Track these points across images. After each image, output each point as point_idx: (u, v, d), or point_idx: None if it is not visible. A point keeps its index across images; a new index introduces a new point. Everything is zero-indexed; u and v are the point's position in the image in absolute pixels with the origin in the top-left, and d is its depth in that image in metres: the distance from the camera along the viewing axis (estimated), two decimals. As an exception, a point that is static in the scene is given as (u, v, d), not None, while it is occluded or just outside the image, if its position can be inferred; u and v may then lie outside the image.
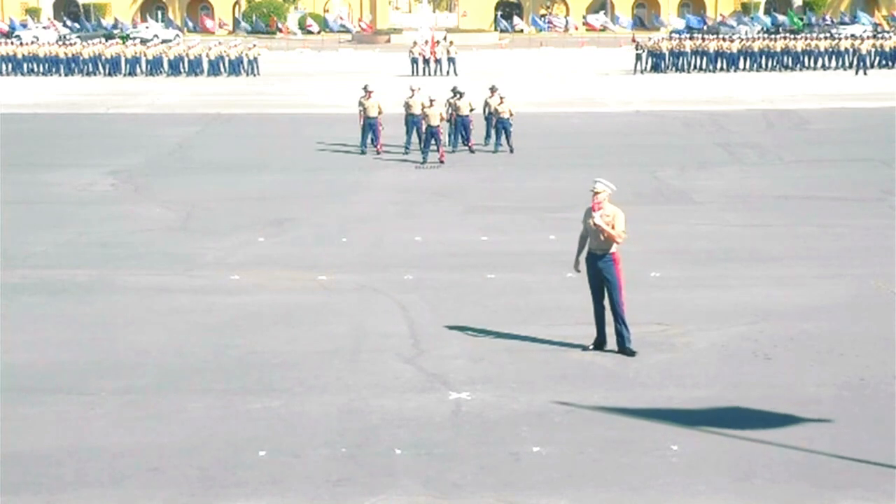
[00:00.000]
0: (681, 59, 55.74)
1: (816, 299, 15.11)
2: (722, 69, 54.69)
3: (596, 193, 12.77)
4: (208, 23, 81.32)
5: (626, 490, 9.50)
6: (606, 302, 12.85)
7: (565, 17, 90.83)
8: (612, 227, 12.62)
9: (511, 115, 28.76)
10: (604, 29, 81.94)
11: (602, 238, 12.69)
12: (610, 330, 12.91)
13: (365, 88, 29.01)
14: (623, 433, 10.65)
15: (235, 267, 17.21)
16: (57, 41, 65.47)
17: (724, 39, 57.44)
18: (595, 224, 12.66)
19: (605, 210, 12.72)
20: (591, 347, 13.00)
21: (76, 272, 16.98)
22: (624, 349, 12.82)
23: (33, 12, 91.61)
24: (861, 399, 11.50)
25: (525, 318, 14.40)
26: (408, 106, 28.38)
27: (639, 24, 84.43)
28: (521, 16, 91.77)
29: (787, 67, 55.33)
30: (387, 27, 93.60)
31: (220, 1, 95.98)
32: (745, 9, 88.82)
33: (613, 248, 12.73)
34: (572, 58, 66.45)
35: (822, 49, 56.49)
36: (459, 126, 28.69)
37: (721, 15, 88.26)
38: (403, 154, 28.31)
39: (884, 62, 55.55)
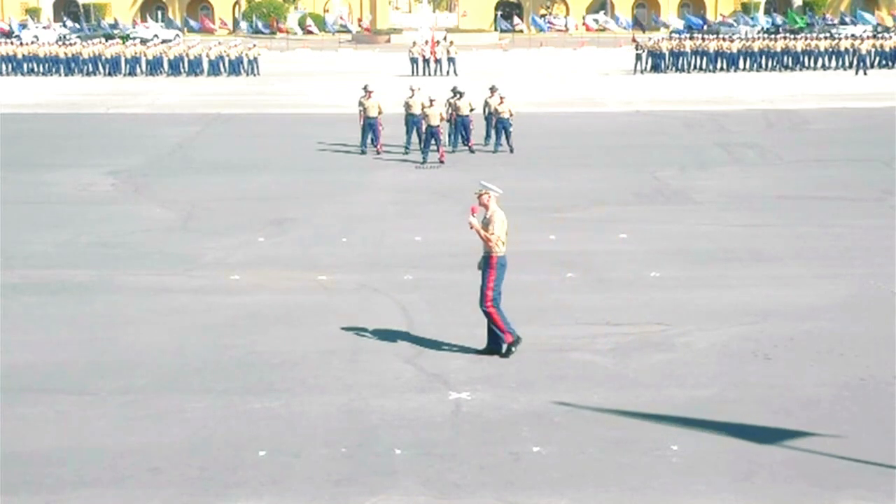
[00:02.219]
0: (681, 59, 55.76)
1: (816, 299, 15.12)
2: (722, 69, 54.71)
3: (479, 196, 12.84)
4: (208, 24, 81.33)
5: (626, 490, 9.50)
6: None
7: (565, 17, 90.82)
8: (487, 230, 12.64)
9: (511, 115, 28.76)
10: (603, 29, 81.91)
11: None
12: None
13: (365, 88, 29.01)
14: (623, 433, 10.65)
15: (235, 267, 17.21)
16: (57, 41, 65.45)
17: (724, 39, 57.45)
18: (470, 225, 12.71)
19: (487, 212, 12.73)
20: (511, 349, 12.90)
21: (76, 272, 16.99)
22: (492, 349, 12.83)
23: (33, 12, 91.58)
24: (861, 399, 11.51)
25: (525, 318, 14.38)
26: (408, 106, 28.38)
27: (637, 24, 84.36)
28: (521, 16, 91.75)
29: (787, 67, 55.35)
30: (387, 27, 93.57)
31: (221, 1, 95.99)
32: (745, 9, 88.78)
33: (494, 252, 12.70)
34: (572, 58, 66.45)
35: (822, 49, 56.51)
36: (459, 126, 28.69)
37: (721, 15, 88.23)
38: (403, 154, 28.31)
39: (884, 62, 55.57)
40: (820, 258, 17.48)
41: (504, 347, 12.83)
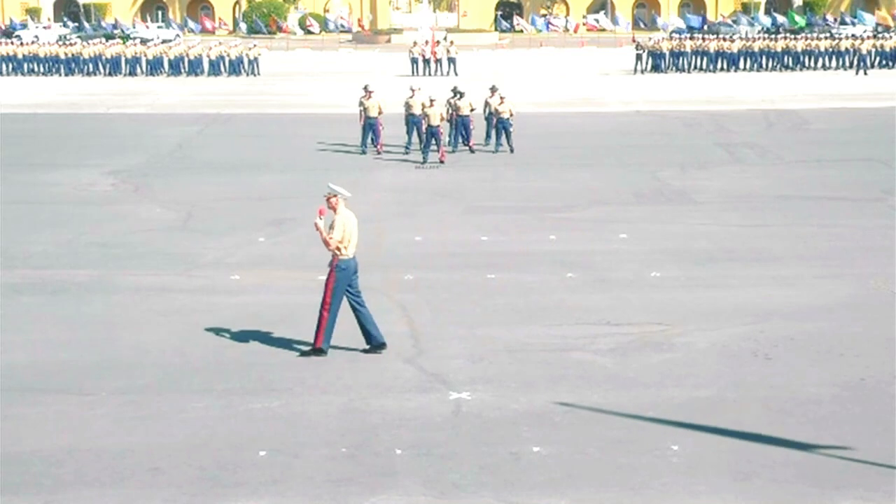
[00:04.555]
0: (681, 59, 55.73)
1: (816, 299, 15.12)
2: (722, 69, 54.69)
3: (327, 198, 12.88)
4: (207, 24, 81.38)
5: (626, 490, 9.51)
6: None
7: (565, 18, 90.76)
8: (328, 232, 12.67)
9: (511, 115, 28.77)
10: (603, 29, 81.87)
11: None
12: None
13: (365, 88, 29.01)
14: (623, 433, 10.65)
15: (235, 267, 17.20)
16: (57, 41, 65.43)
17: (724, 39, 57.43)
18: (315, 226, 12.74)
19: (334, 215, 12.77)
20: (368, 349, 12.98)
21: (76, 272, 16.98)
22: (376, 347, 12.90)
23: (33, 12, 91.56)
24: (861, 399, 11.51)
25: (525, 318, 14.41)
26: (408, 106, 28.37)
27: (636, 24, 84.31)
28: (521, 16, 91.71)
29: (787, 67, 55.33)
30: (387, 27, 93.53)
31: (221, 1, 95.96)
32: (746, 9, 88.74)
33: (336, 255, 12.74)
34: (572, 58, 66.44)
35: (822, 49, 56.49)
36: (459, 126, 28.69)
37: (721, 15, 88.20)
38: (403, 154, 28.32)
39: (884, 62, 55.54)
40: (820, 258, 17.49)
41: (309, 348, 12.85)
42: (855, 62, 53.58)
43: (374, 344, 12.95)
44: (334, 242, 12.65)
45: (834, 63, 55.87)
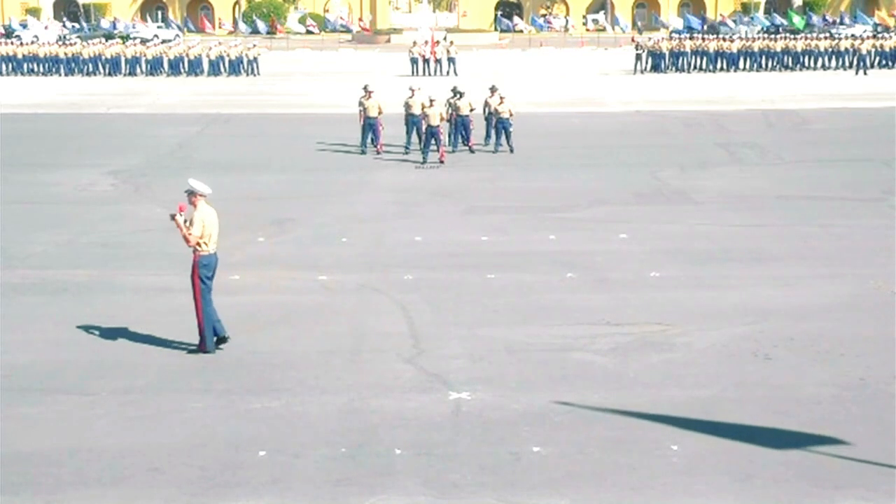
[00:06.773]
0: (681, 59, 55.71)
1: (816, 299, 15.12)
2: (722, 69, 54.68)
3: (189, 194, 12.95)
4: (206, 24, 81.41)
5: (626, 490, 9.51)
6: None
7: (565, 17, 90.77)
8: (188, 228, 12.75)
9: (511, 115, 28.77)
10: (602, 30, 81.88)
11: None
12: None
13: (365, 88, 29.00)
14: (623, 433, 10.65)
15: (235, 267, 17.18)
16: (57, 41, 65.44)
17: (724, 39, 57.43)
18: (176, 223, 12.81)
19: (194, 211, 12.82)
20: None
21: (76, 272, 16.99)
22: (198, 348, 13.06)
23: (33, 12, 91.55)
24: (861, 399, 11.51)
25: (525, 318, 14.41)
26: (408, 106, 28.38)
27: (634, 25, 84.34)
28: (521, 16, 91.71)
29: (787, 67, 55.33)
30: (387, 27, 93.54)
31: (221, 1, 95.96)
32: (746, 9, 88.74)
33: (196, 251, 12.83)
34: (572, 58, 66.44)
35: (822, 49, 56.48)
36: (459, 126, 28.69)
37: (721, 15, 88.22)
38: (403, 154, 28.32)
39: (884, 62, 55.54)
40: (820, 258, 17.49)
41: (195, 348, 12.99)
42: (855, 62, 53.57)
43: (219, 336, 13.08)
44: (194, 238, 12.78)
45: (834, 63, 55.87)
